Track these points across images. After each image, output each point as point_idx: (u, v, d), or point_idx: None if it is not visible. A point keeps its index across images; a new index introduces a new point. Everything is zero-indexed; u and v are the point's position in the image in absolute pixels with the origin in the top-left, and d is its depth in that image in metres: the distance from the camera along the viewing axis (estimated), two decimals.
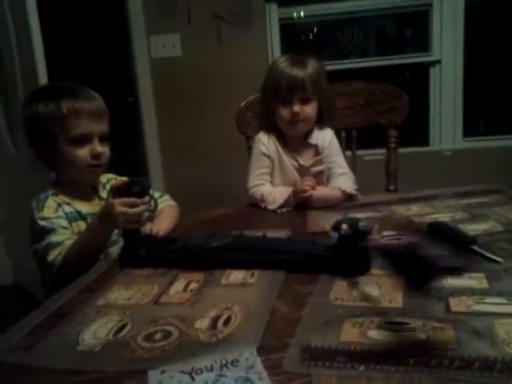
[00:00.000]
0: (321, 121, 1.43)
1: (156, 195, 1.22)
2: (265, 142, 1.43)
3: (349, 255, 0.78)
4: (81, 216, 1.17)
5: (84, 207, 1.19)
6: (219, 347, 0.58)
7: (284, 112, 1.37)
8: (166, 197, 1.32)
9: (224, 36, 2.80)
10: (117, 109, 1.23)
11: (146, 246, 0.94)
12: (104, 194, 1.26)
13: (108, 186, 1.27)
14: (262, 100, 1.44)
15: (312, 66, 1.37)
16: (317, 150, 1.43)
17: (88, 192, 1.24)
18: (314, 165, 1.42)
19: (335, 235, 0.79)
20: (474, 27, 2.78)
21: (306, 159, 1.43)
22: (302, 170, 1.41)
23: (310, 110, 1.38)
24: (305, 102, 1.36)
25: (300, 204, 1.30)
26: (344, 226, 0.76)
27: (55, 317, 0.72)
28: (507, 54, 2.90)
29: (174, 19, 2.82)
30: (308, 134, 1.43)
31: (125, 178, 1.06)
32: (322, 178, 1.42)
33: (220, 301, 0.72)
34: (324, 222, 1.05)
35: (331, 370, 0.52)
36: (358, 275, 0.77)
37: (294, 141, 1.43)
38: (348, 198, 1.34)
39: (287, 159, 1.42)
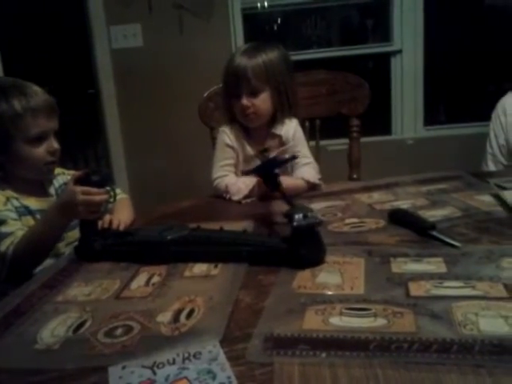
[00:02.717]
0: (282, 111, 1.42)
1: None
2: (228, 133, 1.41)
3: (301, 246, 0.77)
4: (29, 211, 1.15)
5: (32, 203, 1.17)
6: (182, 340, 0.57)
7: (236, 105, 1.35)
8: (118, 190, 1.30)
9: (186, 25, 2.77)
10: (77, 101, 1.21)
11: (102, 238, 0.92)
12: (52, 189, 1.24)
13: (56, 182, 1.25)
14: (223, 91, 1.43)
15: (264, 55, 1.33)
16: (281, 141, 1.43)
17: (36, 188, 1.21)
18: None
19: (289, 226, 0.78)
20: (433, 17, 2.84)
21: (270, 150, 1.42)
22: None
23: (260, 102, 1.34)
24: (253, 94, 1.33)
25: (264, 194, 1.29)
26: (297, 217, 0.76)
27: (12, 316, 0.70)
28: (466, 44, 2.98)
29: (134, 8, 2.77)
30: (272, 124, 1.42)
31: (73, 171, 1.04)
32: (286, 168, 1.42)
33: (183, 293, 0.71)
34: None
35: (293, 359, 0.52)
36: (312, 266, 0.76)
37: (257, 131, 1.42)
38: (312, 187, 1.35)
39: (251, 150, 1.41)
